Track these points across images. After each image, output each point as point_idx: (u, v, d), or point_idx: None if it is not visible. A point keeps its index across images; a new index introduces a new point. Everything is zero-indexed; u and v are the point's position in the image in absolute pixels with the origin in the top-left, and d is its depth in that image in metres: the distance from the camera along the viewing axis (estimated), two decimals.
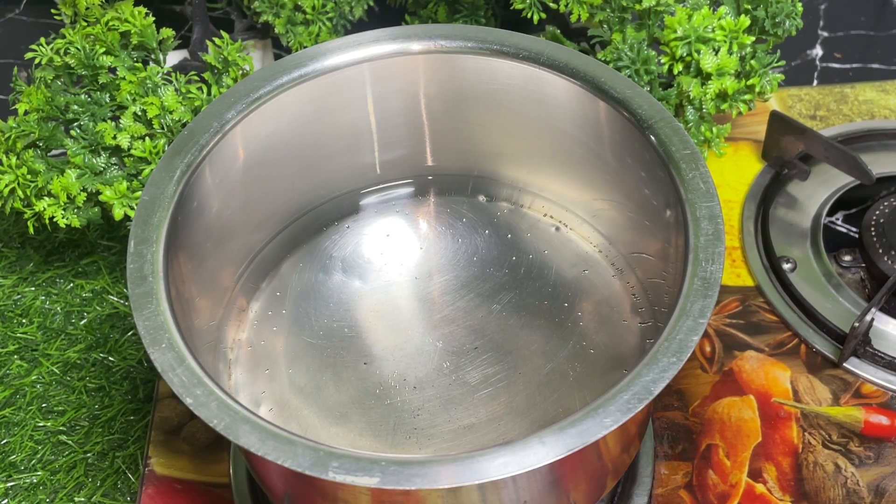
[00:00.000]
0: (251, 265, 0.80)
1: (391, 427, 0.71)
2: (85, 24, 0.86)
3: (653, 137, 0.67)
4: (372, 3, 1.07)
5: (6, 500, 0.86)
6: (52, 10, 0.93)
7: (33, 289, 0.99)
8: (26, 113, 0.85)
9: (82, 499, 0.85)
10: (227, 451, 0.83)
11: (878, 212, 0.93)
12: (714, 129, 0.93)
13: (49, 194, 0.84)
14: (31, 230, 0.86)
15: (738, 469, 0.81)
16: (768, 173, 1.00)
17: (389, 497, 0.57)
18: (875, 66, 1.13)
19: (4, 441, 0.89)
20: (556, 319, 0.76)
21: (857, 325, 0.83)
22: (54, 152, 0.88)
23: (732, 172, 1.01)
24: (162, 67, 0.87)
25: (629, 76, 0.86)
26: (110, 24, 0.85)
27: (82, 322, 0.96)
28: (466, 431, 0.70)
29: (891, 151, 1.01)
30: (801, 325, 0.89)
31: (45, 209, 0.84)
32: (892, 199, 0.94)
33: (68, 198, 0.84)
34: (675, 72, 0.89)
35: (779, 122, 0.97)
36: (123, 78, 0.85)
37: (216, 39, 0.89)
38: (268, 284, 0.81)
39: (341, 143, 0.80)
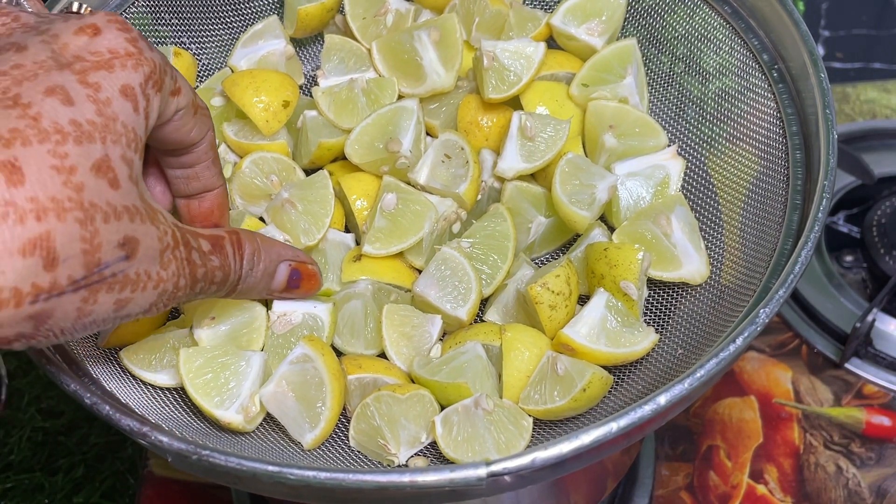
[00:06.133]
0: None
1: None
2: None
3: None
4: None
5: (5, 502, 0.86)
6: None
7: None
8: None
9: (81, 500, 0.85)
10: None
11: (879, 212, 0.93)
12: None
13: None
14: None
15: (739, 470, 0.81)
16: None
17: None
18: (877, 65, 1.12)
19: (3, 442, 0.89)
20: None
21: (858, 325, 0.83)
22: None
23: None
24: None
25: None
26: None
27: None
28: None
29: (892, 151, 1.01)
30: (802, 325, 0.89)
31: None
32: (893, 199, 0.94)
33: None
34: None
35: None
36: None
37: None
38: None
39: None
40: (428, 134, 0.70)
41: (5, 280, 0.37)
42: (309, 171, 0.68)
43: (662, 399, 0.47)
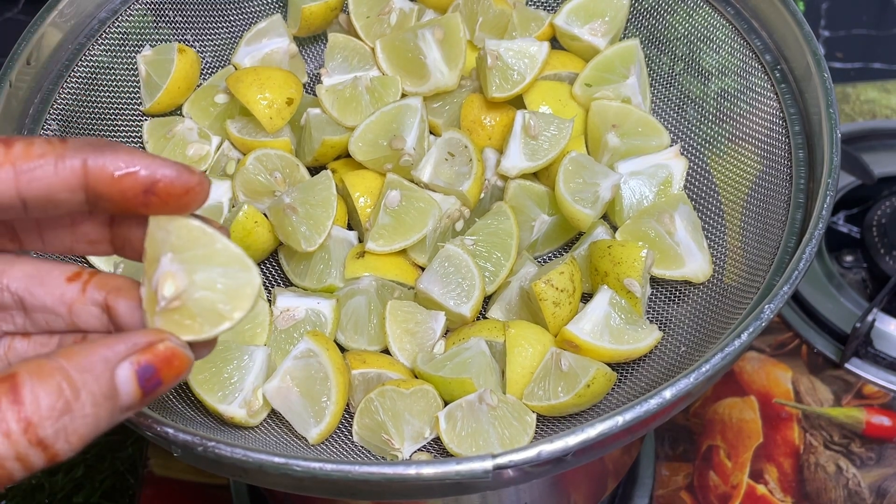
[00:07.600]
0: None
1: None
2: None
3: None
4: None
5: (5, 502, 0.85)
6: None
7: None
8: None
9: (81, 500, 0.85)
10: None
11: (879, 212, 0.93)
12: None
13: None
14: None
15: (739, 470, 0.81)
16: None
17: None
18: (877, 65, 1.13)
19: None
20: None
21: (858, 325, 0.83)
22: None
23: None
24: None
25: None
26: None
27: None
28: None
29: (892, 151, 1.01)
30: (802, 325, 0.89)
31: None
32: (893, 199, 0.94)
33: None
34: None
35: None
36: None
37: None
38: None
39: None
40: (431, 133, 0.70)
41: None
42: (312, 169, 0.69)
43: (668, 393, 0.47)
